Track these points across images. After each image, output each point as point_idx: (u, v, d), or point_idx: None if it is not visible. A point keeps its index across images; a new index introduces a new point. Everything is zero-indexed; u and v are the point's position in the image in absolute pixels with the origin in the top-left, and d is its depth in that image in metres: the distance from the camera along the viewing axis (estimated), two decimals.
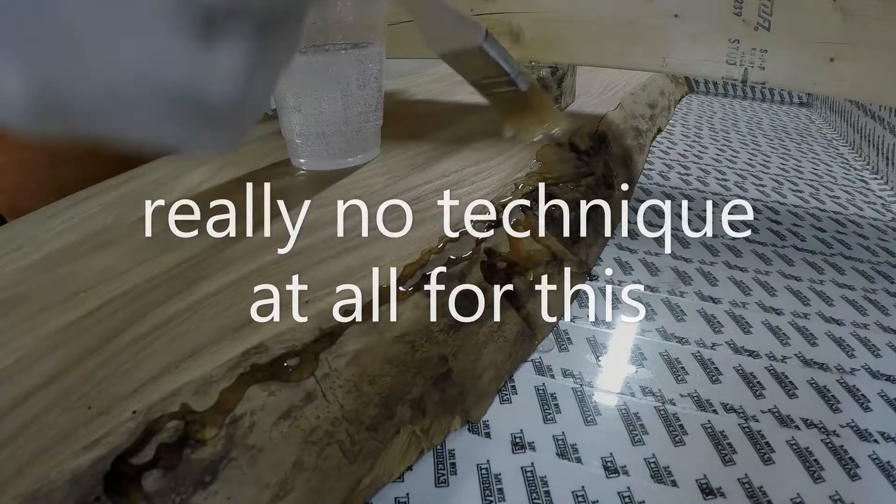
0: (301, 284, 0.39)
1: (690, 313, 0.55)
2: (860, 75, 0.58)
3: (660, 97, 1.16)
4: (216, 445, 0.30)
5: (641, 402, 0.44)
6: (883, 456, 0.40)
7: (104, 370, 0.32)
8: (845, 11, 0.57)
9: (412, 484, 0.37)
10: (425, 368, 0.40)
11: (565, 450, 0.40)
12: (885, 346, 0.51)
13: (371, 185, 0.56)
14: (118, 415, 0.29)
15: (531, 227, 0.53)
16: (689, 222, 0.74)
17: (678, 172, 0.93)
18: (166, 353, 0.33)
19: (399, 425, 0.37)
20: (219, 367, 0.32)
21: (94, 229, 0.49)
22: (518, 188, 0.55)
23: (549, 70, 0.78)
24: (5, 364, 0.33)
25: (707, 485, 0.37)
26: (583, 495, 0.37)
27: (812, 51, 0.59)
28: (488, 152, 0.64)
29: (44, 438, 0.28)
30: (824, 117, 1.37)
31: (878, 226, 0.77)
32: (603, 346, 0.50)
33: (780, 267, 0.64)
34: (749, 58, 0.62)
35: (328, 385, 0.34)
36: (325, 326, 0.36)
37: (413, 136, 0.71)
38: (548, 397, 0.45)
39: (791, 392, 0.45)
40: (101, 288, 0.40)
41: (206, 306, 0.37)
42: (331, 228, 0.47)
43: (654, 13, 0.66)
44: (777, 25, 0.60)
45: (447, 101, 0.90)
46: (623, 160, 0.79)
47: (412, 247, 0.44)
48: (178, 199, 0.53)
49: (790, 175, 0.96)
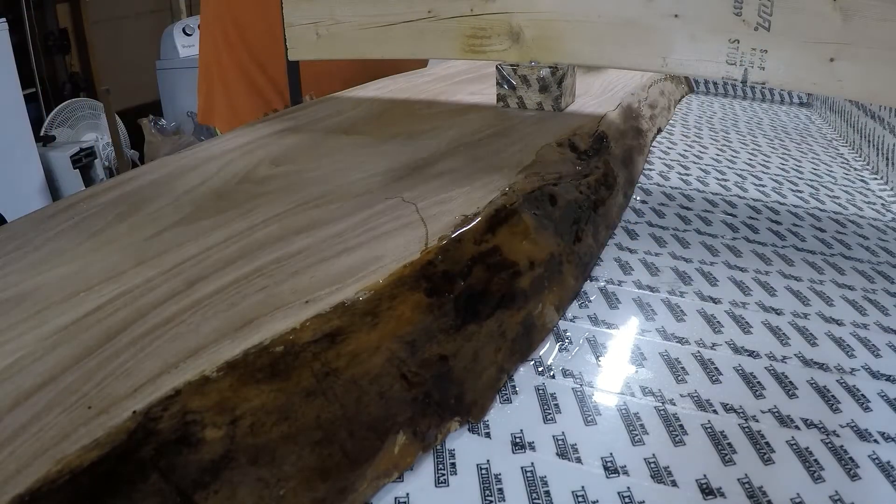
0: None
1: (690, 313, 0.55)
2: (860, 75, 0.58)
3: (660, 97, 1.16)
4: (216, 445, 0.30)
5: (641, 402, 0.44)
6: (883, 456, 0.39)
7: (104, 370, 0.32)
8: (845, 11, 0.57)
9: (412, 484, 0.37)
10: (426, 368, 0.40)
11: (565, 450, 0.40)
12: (885, 346, 0.51)
13: (371, 184, 0.56)
14: (118, 415, 0.29)
15: (531, 227, 0.53)
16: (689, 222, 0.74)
17: (678, 172, 0.93)
18: (166, 353, 0.33)
19: (399, 425, 0.37)
20: (219, 367, 0.32)
21: (94, 229, 0.49)
22: (518, 188, 0.55)
23: (549, 70, 0.78)
24: (5, 364, 0.33)
25: (707, 485, 0.37)
26: (583, 495, 0.37)
27: (812, 51, 0.59)
28: (488, 152, 0.64)
29: (44, 438, 0.28)
30: (824, 117, 1.37)
31: (878, 226, 0.77)
32: (603, 346, 0.50)
33: (780, 267, 0.64)
34: (749, 58, 0.62)
35: (328, 385, 0.34)
36: (326, 327, 0.36)
37: (413, 136, 0.71)
38: (548, 397, 0.45)
39: (791, 392, 0.45)
40: (101, 288, 0.40)
41: (206, 306, 0.37)
42: (331, 228, 0.47)
43: (654, 13, 0.66)
44: (777, 25, 0.60)
45: (447, 101, 0.90)
46: (623, 160, 0.79)
47: (412, 247, 0.44)
48: (178, 199, 0.53)
49: (790, 175, 0.96)
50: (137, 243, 0.46)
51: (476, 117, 0.79)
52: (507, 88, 0.82)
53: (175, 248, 0.45)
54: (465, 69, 1.11)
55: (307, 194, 0.54)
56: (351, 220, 0.49)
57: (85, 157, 2.43)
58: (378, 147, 0.67)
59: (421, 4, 0.79)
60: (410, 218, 0.49)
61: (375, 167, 0.60)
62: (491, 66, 0.85)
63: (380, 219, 0.49)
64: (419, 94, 0.95)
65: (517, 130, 0.72)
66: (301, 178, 0.58)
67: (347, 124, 0.78)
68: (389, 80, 1.05)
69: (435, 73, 1.11)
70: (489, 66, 0.89)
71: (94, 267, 0.43)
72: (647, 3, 0.66)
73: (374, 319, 0.38)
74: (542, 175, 0.59)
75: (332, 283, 0.39)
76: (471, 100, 0.89)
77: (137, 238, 0.47)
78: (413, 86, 1.01)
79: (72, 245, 0.47)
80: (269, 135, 0.73)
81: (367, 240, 0.45)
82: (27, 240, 0.48)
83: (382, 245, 0.44)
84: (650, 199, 0.81)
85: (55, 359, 0.33)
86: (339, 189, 0.55)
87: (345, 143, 0.70)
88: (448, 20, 0.78)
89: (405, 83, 1.03)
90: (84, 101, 2.67)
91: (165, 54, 2.88)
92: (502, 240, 0.49)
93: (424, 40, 0.80)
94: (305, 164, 0.62)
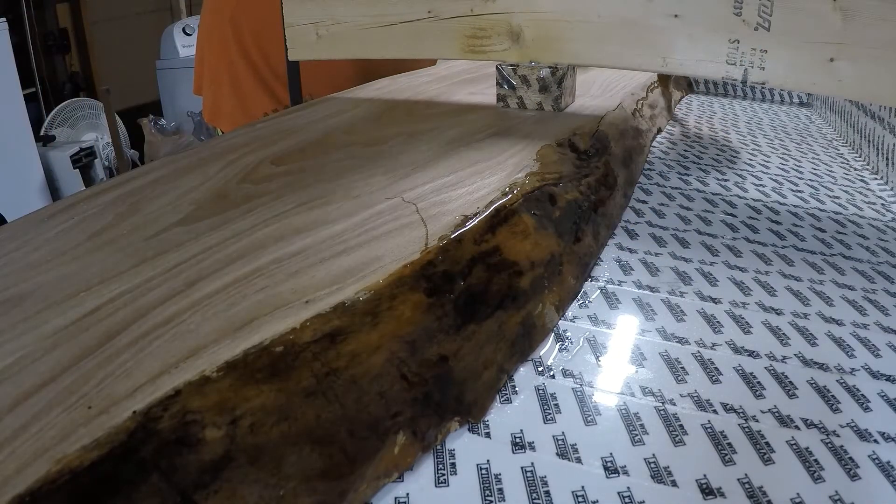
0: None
1: (690, 313, 0.55)
2: (860, 75, 0.58)
3: (660, 97, 1.16)
4: (216, 445, 0.30)
5: (641, 402, 0.44)
6: (883, 456, 0.40)
7: (104, 370, 0.32)
8: (845, 11, 0.57)
9: (412, 484, 0.37)
10: (426, 368, 0.40)
11: (565, 450, 0.40)
12: (885, 346, 0.51)
13: (371, 184, 0.56)
14: (118, 415, 0.29)
15: (531, 227, 0.53)
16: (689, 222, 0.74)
17: (678, 172, 0.93)
18: (166, 353, 0.33)
19: (399, 425, 0.37)
20: (219, 367, 0.32)
21: (94, 229, 0.49)
22: (518, 188, 0.55)
23: (549, 70, 0.78)
24: (5, 364, 0.33)
25: (707, 485, 0.37)
26: (583, 495, 0.37)
27: (812, 51, 0.59)
28: (488, 152, 0.64)
29: (44, 438, 0.28)
30: (824, 117, 1.37)
31: (878, 226, 0.77)
32: (603, 346, 0.50)
33: (780, 267, 0.64)
34: (749, 58, 0.62)
35: (328, 385, 0.34)
36: (326, 327, 0.36)
37: (413, 136, 0.71)
38: (548, 397, 0.45)
39: (791, 392, 0.45)
40: (101, 288, 0.40)
41: (206, 306, 0.37)
42: (331, 228, 0.47)
43: (654, 13, 0.66)
44: (777, 25, 0.60)
45: (447, 101, 0.90)
46: (623, 160, 0.79)
47: (412, 247, 0.44)
48: (178, 199, 0.53)
49: (790, 175, 0.96)
50: (137, 243, 0.46)
51: (476, 117, 0.79)
52: (507, 88, 0.82)
53: (175, 248, 0.45)
54: (465, 69, 1.11)
55: (307, 194, 0.54)
56: (351, 220, 0.49)
57: (85, 157, 2.43)
58: (378, 147, 0.68)
59: (421, 4, 0.79)
60: (410, 218, 0.49)
61: (375, 167, 0.60)
62: (491, 66, 0.85)
63: (380, 219, 0.49)
64: (419, 94, 0.95)
65: (517, 130, 0.72)
66: (301, 178, 0.58)
67: (347, 124, 0.78)
68: (389, 80, 1.05)
69: (435, 73, 1.10)
70: (489, 66, 0.89)
71: (94, 267, 0.43)
72: (647, 4, 0.66)
73: (374, 319, 0.38)
74: (542, 175, 0.59)
75: (332, 283, 0.39)
76: (471, 100, 0.89)
77: (137, 238, 0.47)
78: (413, 86, 1.01)
79: (72, 245, 0.47)
80: (269, 135, 0.73)
81: (366, 240, 0.45)
82: (27, 240, 0.48)
83: (382, 245, 0.44)
84: (650, 199, 0.81)
85: (55, 359, 0.33)
86: (339, 189, 0.55)
87: (345, 142, 0.70)
88: (448, 20, 0.78)
89: (405, 83, 1.03)
90: (84, 100, 2.67)
91: (165, 54, 2.88)
92: (502, 240, 0.49)
93: (424, 40, 0.80)
94: (305, 164, 0.62)
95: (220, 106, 1.30)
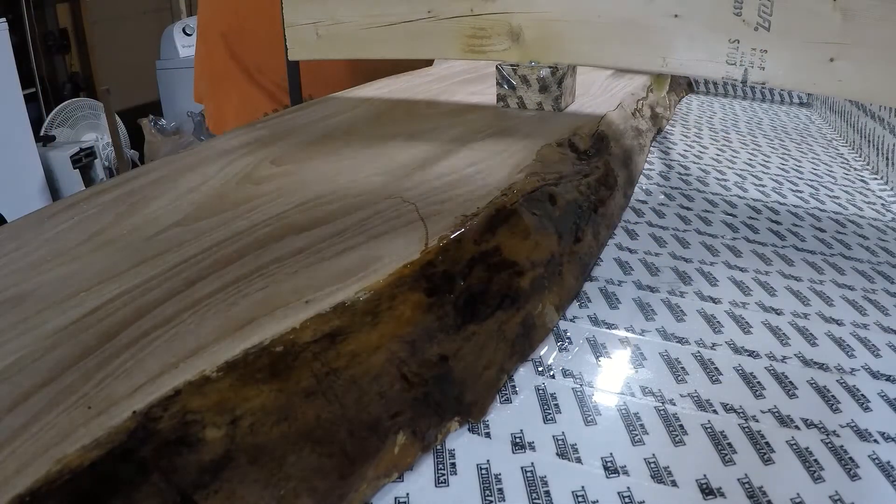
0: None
1: (690, 313, 0.55)
2: (860, 75, 0.58)
3: (660, 97, 1.16)
4: (216, 445, 0.30)
5: (641, 402, 0.44)
6: (883, 456, 0.40)
7: (104, 370, 0.32)
8: (845, 11, 0.57)
9: (412, 484, 0.37)
10: (426, 368, 0.40)
11: (565, 450, 0.40)
12: (885, 346, 0.51)
13: (371, 184, 0.56)
14: (118, 415, 0.29)
15: (531, 227, 0.53)
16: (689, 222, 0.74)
17: (678, 172, 0.93)
18: (166, 353, 0.33)
19: (399, 425, 0.37)
20: (219, 367, 0.32)
21: (94, 229, 0.49)
22: (518, 188, 0.55)
23: (549, 70, 0.78)
24: (5, 364, 0.33)
25: (707, 485, 0.37)
26: (583, 495, 0.37)
27: (812, 51, 0.59)
28: (488, 152, 0.64)
29: (44, 438, 0.28)
30: (824, 117, 1.37)
31: (878, 226, 0.77)
32: (603, 346, 0.50)
33: (780, 267, 0.64)
34: (749, 58, 0.62)
35: (328, 385, 0.34)
36: (326, 327, 0.36)
37: (413, 136, 0.71)
38: (548, 397, 0.45)
39: (791, 392, 0.45)
40: (101, 288, 0.40)
41: (206, 306, 0.37)
42: (331, 228, 0.47)
43: (654, 13, 0.66)
44: (777, 25, 0.60)
45: (447, 101, 0.90)
46: (623, 160, 0.79)
47: (412, 247, 0.44)
48: (178, 199, 0.53)
49: (790, 175, 0.96)
50: (137, 243, 0.46)
51: (476, 117, 0.79)
52: (507, 88, 0.82)
53: (175, 248, 0.45)
54: (465, 69, 1.11)
55: (307, 194, 0.54)
56: (351, 220, 0.49)
57: (85, 157, 2.43)
58: (378, 147, 0.67)
59: (421, 4, 0.79)
60: (410, 218, 0.49)
61: (375, 167, 0.60)
62: (491, 66, 0.85)
63: (380, 219, 0.49)
64: (419, 94, 0.95)
65: (517, 130, 0.72)
66: (301, 178, 0.58)
67: (347, 124, 0.78)
68: (389, 80, 1.05)
69: (435, 73, 1.10)
70: (489, 66, 0.89)
71: (94, 267, 0.43)
72: (647, 3, 0.66)
73: (374, 319, 0.38)
74: (542, 175, 0.59)
75: (332, 283, 0.39)
76: (471, 100, 0.89)
77: (137, 238, 0.47)
78: (413, 86, 1.01)
79: (72, 245, 0.47)
80: (269, 135, 0.73)
81: (367, 240, 0.45)
82: (27, 240, 0.48)
83: (382, 245, 0.44)
84: (650, 199, 0.81)
85: (55, 359, 0.33)
86: (339, 189, 0.55)
87: (345, 142, 0.70)
88: (448, 20, 0.78)
89: (405, 83, 1.03)
90: (84, 101, 2.67)
91: (165, 54, 2.88)
92: (502, 240, 0.49)
93: (424, 40, 0.80)
94: (306, 164, 0.62)
95: (224, 115, 1.31)
